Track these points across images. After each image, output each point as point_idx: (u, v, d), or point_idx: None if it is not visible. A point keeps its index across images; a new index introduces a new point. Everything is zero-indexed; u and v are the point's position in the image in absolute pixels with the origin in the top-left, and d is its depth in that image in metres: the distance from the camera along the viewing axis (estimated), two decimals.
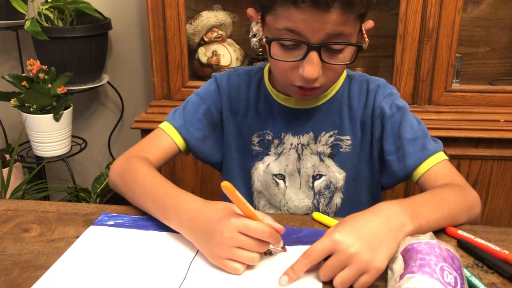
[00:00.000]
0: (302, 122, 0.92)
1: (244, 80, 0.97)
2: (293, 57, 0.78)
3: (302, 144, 0.93)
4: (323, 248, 0.62)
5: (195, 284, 0.64)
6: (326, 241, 0.62)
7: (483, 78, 1.72)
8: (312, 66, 0.76)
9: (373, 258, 0.61)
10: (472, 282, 0.62)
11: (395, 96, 0.91)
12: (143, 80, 1.96)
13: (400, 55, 1.51)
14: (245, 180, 0.98)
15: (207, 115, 0.95)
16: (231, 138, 0.97)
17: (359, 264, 0.60)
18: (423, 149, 0.86)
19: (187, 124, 0.93)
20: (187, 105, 0.96)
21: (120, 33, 1.88)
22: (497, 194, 1.56)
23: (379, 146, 0.91)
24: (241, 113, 0.96)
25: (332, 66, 0.78)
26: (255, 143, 0.96)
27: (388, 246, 0.63)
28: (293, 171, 0.94)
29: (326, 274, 0.63)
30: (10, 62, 1.94)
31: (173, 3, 1.51)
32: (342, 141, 0.92)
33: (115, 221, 0.79)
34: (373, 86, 0.92)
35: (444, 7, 1.44)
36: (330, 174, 0.93)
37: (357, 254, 0.61)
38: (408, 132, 0.87)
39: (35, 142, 1.68)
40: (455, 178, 0.84)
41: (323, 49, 0.76)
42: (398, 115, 0.89)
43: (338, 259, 0.61)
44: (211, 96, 0.96)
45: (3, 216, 0.81)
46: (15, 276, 0.65)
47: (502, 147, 1.50)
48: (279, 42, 0.78)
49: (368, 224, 0.64)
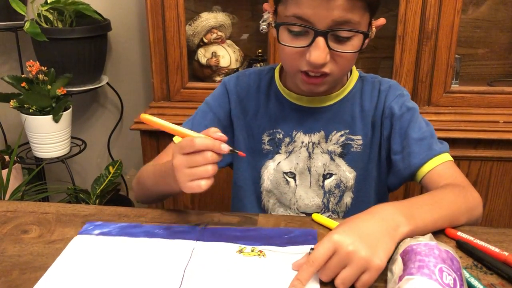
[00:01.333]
0: (314, 120, 0.93)
1: (254, 80, 0.98)
2: (301, 43, 0.79)
3: (313, 142, 0.93)
4: (324, 251, 0.62)
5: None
6: (326, 243, 0.63)
7: (483, 79, 1.72)
8: (318, 51, 0.77)
9: (372, 256, 0.61)
10: (472, 283, 0.62)
11: (405, 98, 0.92)
12: (142, 81, 1.96)
13: (400, 56, 1.51)
14: (254, 179, 0.99)
15: (215, 122, 0.97)
16: (241, 137, 0.98)
17: (359, 261, 0.61)
18: (429, 149, 0.87)
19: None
20: (197, 115, 0.99)
21: (120, 34, 1.88)
22: (496, 195, 1.57)
23: (387, 145, 0.92)
24: (251, 113, 0.97)
25: (340, 53, 0.79)
26: (265, 142, 0.96)
27: (386, 244, 0.63)
28: (304, 169, 0.94)
29: (328, 274, 0.63)
30: (9, 63, 1.94)
31: (173, 4, 1.51)
32: (353, 141, 0.93)
33: (101, 230, 0.76)
34: (384, 87, 0.93)
35: (443, 8, 1.45)
36: (341, 173, 0.93)
37: (356, 252, 0.61)
38: (416, 132, 0.88)
39: (34, 143, 1.68)
40: (458, 178, 0.84)
41: (330, 37, 0.78)
42: (408, 115, 0.90)
43: (338, 258, 0.62)
44: (218, 101, 0.98)
45: (2, 217, 0.81)
46: (14, 278, 0.65)
47: (502, 148, 1.50)
48: (287, 28, 0.80)
49: (365, 224, 0.65)
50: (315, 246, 0.64)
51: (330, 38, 0.78)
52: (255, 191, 0.99)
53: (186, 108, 1.55)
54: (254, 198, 1.00)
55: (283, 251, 0.70)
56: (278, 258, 0.69)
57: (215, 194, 1.62)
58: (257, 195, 0.99)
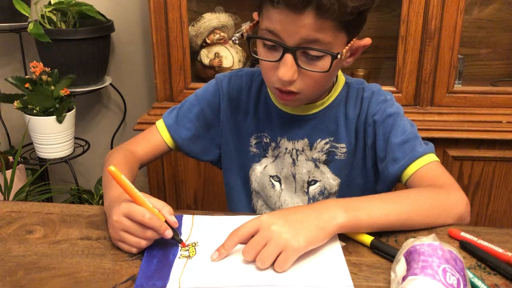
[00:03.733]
0: (298, 128, 0.93)
1: (246, 82, 0.98)
2: (272, 58, 0.79)
3: (297, 149, 0.93)
4: (250, 225, 0.68)
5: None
6: (254, 221, 0.68)
7: (485, 80, 1.72)
8: (285, 68, 0.77)
9: (291, 238, 0.65)
10: (475, 283, 0.62)
11: (388, 103, 0.90)
12: (145, 82, 1.96)
13: (402, 57, 1.51)
14: (244, 179, 1.00)
15: (200, 117, 0.97)
16: (230, 138, 0.99)
17: (277, 241, 0.65)
18: (411, 151, 0.85)
19: (178, 123, 0.97)
20: (184, 105, 0.99)
21: (123, 35, 1.89)
22: (499, 195, 1.56)
23: (372, 153, 0.91)
24: (241, 115, 0.97)
25: (309, 72, 0.78)
26: (252, 145, 0.97)
27: (311, 232, 0.66)
28: (288, 175, 0.95)
29: (250, 251, 0.66)
30: (13, 65, 1.94)
31: (176, 5, 1.52)
32: (337, 149, 0.92)
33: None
34: (367, 94, 0.91)
35: (446, 9, 1.45)
36: (325, 180, 0.94)
37: (277, 232, 0.65)
38: (398, 137, 0.87)
39: (38, 144, 1.68)
40: (439, 180, 0.82)
41: (300, 54, 0.77)
42: (390, 121, 0.88)
43: (260, 236, 0.66)
44: (207, 97, 0.98)
45: (7, 217, 0.81)
46: (19, 278, 0.65)
47: (505, 148, 1.50)
48: (262, 42, 0.80)
49: (297, 212, 0.69)
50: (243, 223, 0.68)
51: (299, 55, 0.77)
52: (245, 192, 1.00)
53: None
54: (245, 198, 1.01)
55: None
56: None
57: (218, 195, 1.63)
58: (247, 195, 1.00)
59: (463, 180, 1.54)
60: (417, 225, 0.75)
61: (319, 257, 0.68)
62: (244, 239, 0.68)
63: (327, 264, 0.67)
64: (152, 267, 0.67)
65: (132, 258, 0.70)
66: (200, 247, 0.71)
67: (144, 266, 0.67)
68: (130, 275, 0.66)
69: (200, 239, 0.73)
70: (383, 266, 0.68)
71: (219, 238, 0.70)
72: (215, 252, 0.68)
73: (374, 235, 0.72)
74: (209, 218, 0.79)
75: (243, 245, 0.68)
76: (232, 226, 0.70)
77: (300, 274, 0.65)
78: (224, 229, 0.73)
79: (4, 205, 0.86)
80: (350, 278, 0.64)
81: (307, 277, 0.64)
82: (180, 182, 1.64)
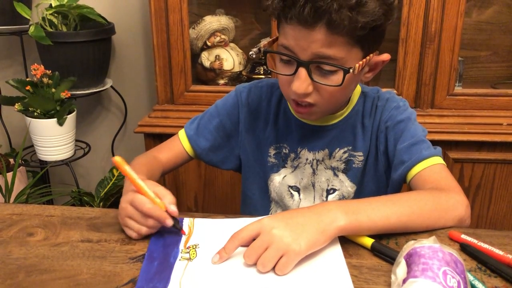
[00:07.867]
0: (318, 138, 0.94)
1: (266, 93, 0.99)
2: (288, 72, 0.82)
3: (317, 160, 0.95)
4: (251, 228, 0.68)
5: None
6: (255, 224, 0.68)
7: (486, 82, 1.72)
8: (299, 81, 0.79)
9: (293, 242, 0.65)
10: (476, 286, 0.62)
11: (400, 109, 0.92)
12: (146, 85, 1.96)
13: (403, 59, 1.51)
14: (262, 189, 1.01)
15: (219, 128, 1.00)
16: (249, 148, 1.00)
17: (278, 244, 0.65)
18: (417, 153, 0.86)
19: (198, 134, 1.00)
20: (205, 116, 1.02)
21: (124, 37, 1.89)
22: (500, 197, 1.56)
23: (385, 159, 0.92)
24: (261, 126, 0.99)
25: (323, 86, 0.80)
26: (271, 155, 0.98)
27: (310, 235, 0.66)
28: (308, 184, 0.96)
29: (251, 254, 0.66)
30: (14, 67, 1.95)
31: (176, 8, 1.52)
32: (355, 157, 0.94)
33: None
34: (381, 102, 0.93)
35: (446, 11, 1.45)
36: (343, 189, 0.95)
37: (278, 236, 0.65)
38: (407, 141, 0.88)
39: (39, 146, 1.68)
40: (442, 182, 0.82)
41: (314, 68, 0.80)
42: (401, 126, 0.90)
43: (261, 239, 0.66)
44: (227, 109, 1.00)
45: (8, 220, 0.81)
46: (20, 280, 0.66)
47: (505, 150, 1.50)
48: (279, 57, 0.82)
49: (297, 215, 0.69)
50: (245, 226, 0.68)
51: (313, 69, 0.80)
52: (262, 201, 1.01)
53: (190, 111, 1.55)
54: (261, 208, 1.01)
55: None
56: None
57: (218, 197, 1.63)
58: (265, 204, 1.01)
59: (463, 183, 1.54)
60: (418, 227, 0.75)
61: (319, 259, 0.68)
62: (245, 242, 0.68)
63: (328, 267, 0.67)
64: (152, 269, 0.67)
65: (132, 261, 0.70)
66: (201, 249, 0.71)
67: (145, 268, 0.67)
68: (130, 278, 0.66)
69: (201, 242, 0.73)
70: (383, 268, 0.68)
71: (220, 241, 0.70)
72: (216, 255, 0.69)
73: (374, 237, 0.72)
74: (210, 221, 0.79)
75: (244, 248, 0.68)
76: (233, 228, 0.70)
77: (301, 277, 0.65)
78: (225, 231, 0.73)
79: (5, 207, 0.86)
80: (350, 281, 0.64)
81: (308, 280, 0.64)
82: (180, 184, 1.64)
